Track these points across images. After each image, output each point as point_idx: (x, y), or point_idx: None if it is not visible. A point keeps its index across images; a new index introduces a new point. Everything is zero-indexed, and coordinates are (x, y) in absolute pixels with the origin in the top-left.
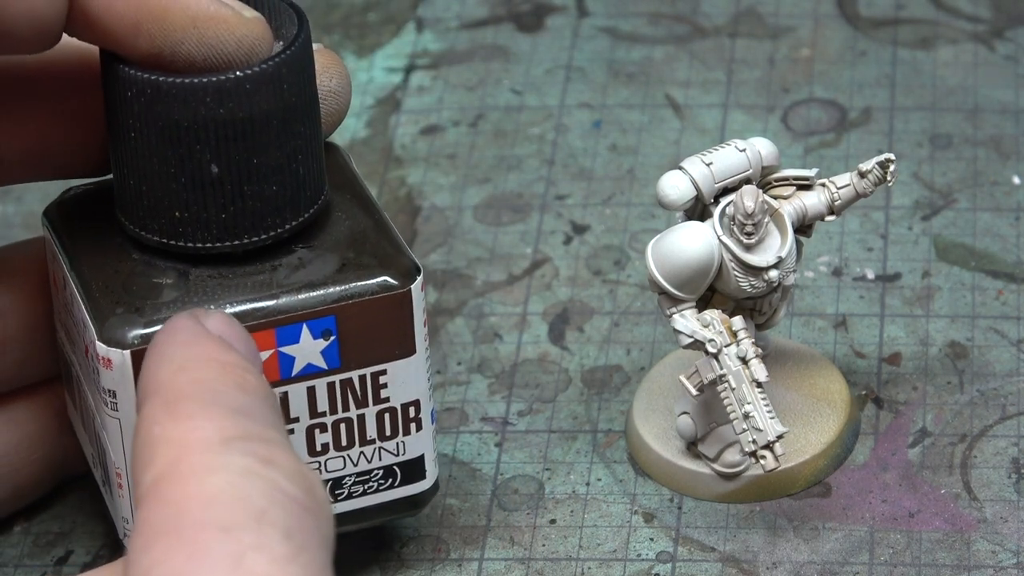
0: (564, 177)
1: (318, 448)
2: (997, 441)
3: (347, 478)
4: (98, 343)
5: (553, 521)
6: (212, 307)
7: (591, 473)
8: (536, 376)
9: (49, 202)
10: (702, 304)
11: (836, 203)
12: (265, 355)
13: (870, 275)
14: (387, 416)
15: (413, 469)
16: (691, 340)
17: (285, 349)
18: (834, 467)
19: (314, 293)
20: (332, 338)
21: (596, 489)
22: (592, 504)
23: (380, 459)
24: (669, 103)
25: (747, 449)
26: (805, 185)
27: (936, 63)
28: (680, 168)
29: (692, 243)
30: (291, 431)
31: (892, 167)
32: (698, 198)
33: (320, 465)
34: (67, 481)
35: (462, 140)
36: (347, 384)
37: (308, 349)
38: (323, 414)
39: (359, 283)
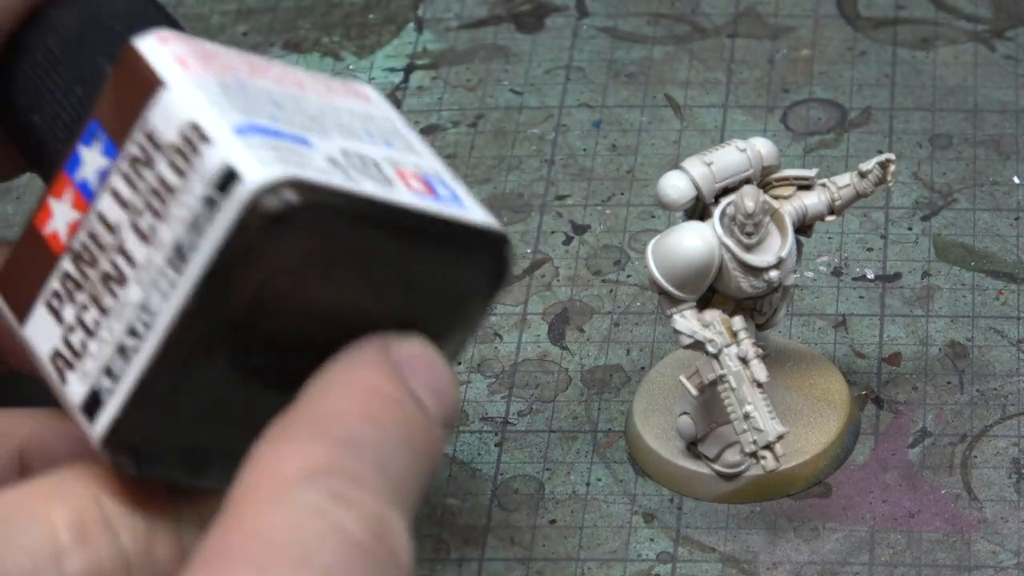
0: (564, 177)
1: (148, 233)
2: (997, 441)
3: (181, 238)
4: None
5: (553, 521)
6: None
7: (591, 473)
8: (536, 376)
9: None
10: (702, 304)
11: (836, 203)
12: (69, 198)
13: (870, 275)
14: (174, 155)
15: (227, 181)
16: (691, 340)
17: (77, 178)
18: (834, 467)
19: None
20: (100, 134)
21: (596, 489)
22: (592, 504)
23: (194, 197)
24: (669, 103)
25: (747, 449)
26: (805, 185)
27: (936, 63)
28: (680, 168)
29: (692, 243)
30: (123, 239)
31: (892, 167)
32: (698, 198)
33: (158, 244)
34: None
35: (462, 140)
36: (132, 159)
37: (91, 161)
38: (133, 202)
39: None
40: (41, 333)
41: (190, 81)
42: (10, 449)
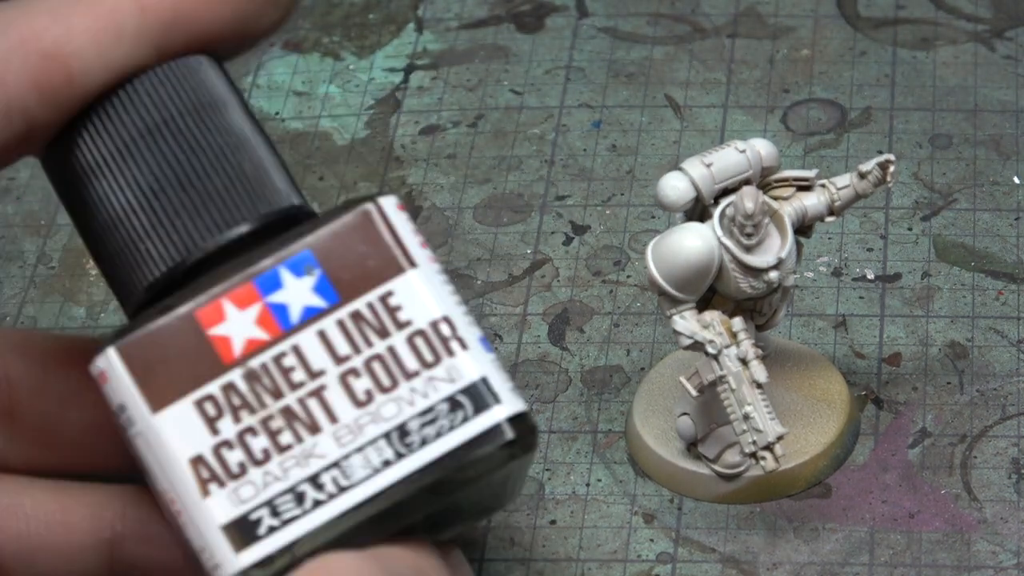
0: (564, 177)
1: (362, 396)
2: (997, 441)
3: (411, 422)
4: (90, 367)
5: (553, 522)
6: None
7: (591, 474)
8: (536, 376)
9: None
10: (702, 305)
11: (836, 204)
12: (253, 312)
13: (870, 275)
14: (419, 340)
15: (479, 395)
16: (691, 341)
17: (272, 299)
18: (834, 468)
19: (284, 241)
20: (317, 272)
21: (596, 490)
22: (592, 505)
23: (436, 391)
24: (669, 103)
25: (747, 450)
26: (805, 186)
27: (936, 63)
28: (680, 169)
29: (692, 244)
30: (323, 387)
31: (892, 168)
32: (698, 199)
33: (375, 416)
34: None
35: (462, 140)
36: (357, 316)
37: (297, 291)
38: (348, 357)
39: (327, 216)
40: (181, 431)
41: (435, 268)
42: (99, 538)
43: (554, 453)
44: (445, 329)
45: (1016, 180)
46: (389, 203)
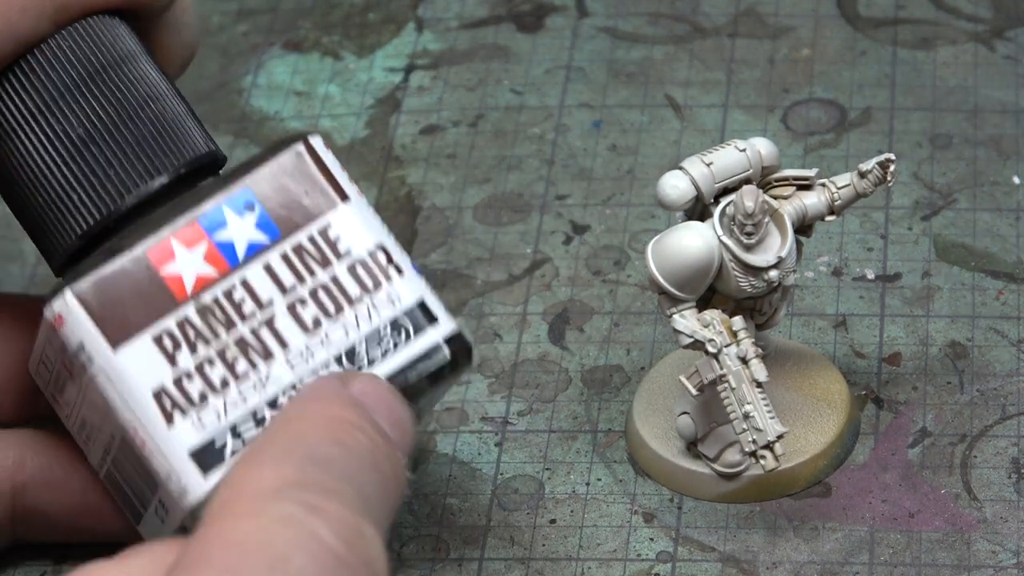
0: (564, 177)
1: (310, 324)
2: (997, 441)
3: (358, 346)
4: (45, 310)
5: (553, 521)
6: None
7: (591, 473)
8: (536, 376)
9: None
10: (702, 304)
11: (836, 203)
12: (201, 250)
13: (870, 275)
14: (359, 268)
15: (419, 316)
16: (691, 340)
17: (218, 237)
18: (834, 467)
19: (222, 182)
20: (257, 208)
21: (596, 489)
22: (592, 504)
23: (379, 314)
24: (669, 103)
25: (747, 449)
26: (805, 185)
27: (936, 63)
28: (680, 168)
29: (692, 243)
30: (273, 316)
31: (892, 167)
32: (698, 198)
33: (324, 340)
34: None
35: (462, 140)
36: (299, 249)
37: (240, 228)
38: (294, 287)
39: (261, 156)
40: (142, 365)
41: (364, 202)
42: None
43: (554, 452)
44: (381, 257)
45: (1016, 180)
46: (317, 141)
